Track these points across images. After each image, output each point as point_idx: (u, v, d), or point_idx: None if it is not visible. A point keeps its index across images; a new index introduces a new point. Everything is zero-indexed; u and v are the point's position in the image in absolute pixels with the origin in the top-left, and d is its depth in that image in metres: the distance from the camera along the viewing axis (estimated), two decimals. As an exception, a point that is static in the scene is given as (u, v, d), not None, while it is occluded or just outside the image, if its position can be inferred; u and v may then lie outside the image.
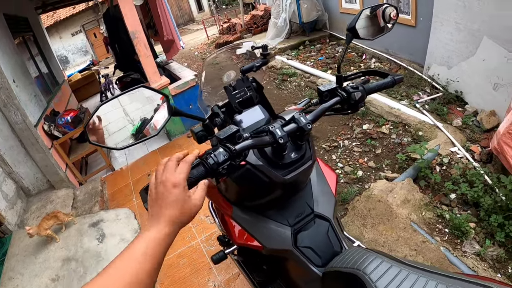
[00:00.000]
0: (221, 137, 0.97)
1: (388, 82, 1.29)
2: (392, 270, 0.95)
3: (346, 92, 1.23)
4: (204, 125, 1.13)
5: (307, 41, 8.81)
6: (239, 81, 1.38)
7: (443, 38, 4.50)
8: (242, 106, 1.35)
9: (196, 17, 28.70)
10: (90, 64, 18.73)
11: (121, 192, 4.81)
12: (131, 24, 4.77)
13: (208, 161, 0.93)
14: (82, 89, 10.69)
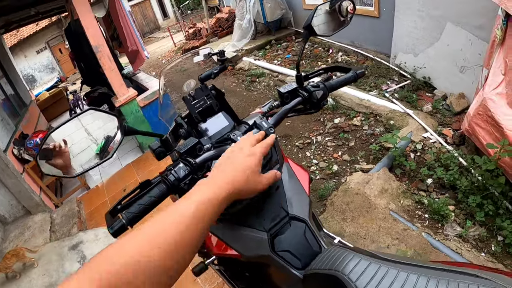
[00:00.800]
0: (181, 151, 0.95)
1: (350, 77, 1.28)
2: (371, 267, 0.92)
3: (307, 92, 1.22)
4: (162, 141, 1.10)
5: (273, 40, 8.83)
6: (198, 90, 1.35)
7: (407, 26, 4.55)
8: (203, 115, 1.32)
9: (161, 25, 28.41)
10: (58, 81, 18.46)
11: (98, 211, 4.72)
12: (93, 38, 4.67)
13: (169, 177, 0.90)
14: (51, 108, 10.47)
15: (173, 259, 0.60)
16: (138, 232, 0.60)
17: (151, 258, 0.57)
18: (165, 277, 0.59)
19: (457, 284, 0.78)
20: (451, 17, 3.77)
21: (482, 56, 3.41)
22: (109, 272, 0.52)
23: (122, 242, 0.58)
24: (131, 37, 6.31)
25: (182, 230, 0.62)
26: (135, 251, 0.56)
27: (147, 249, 0.57)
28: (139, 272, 0.54)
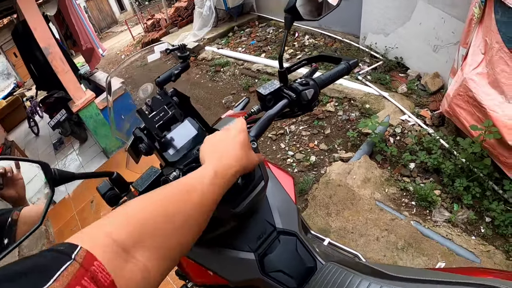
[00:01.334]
0: (139, 189, 0.75)
1: (342, 69, 1.09)
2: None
3: (295, 91, 1.02)
4: (113, 180, 0.87)
5: (235, 27, 8.63)
6: (156, 99, 1.12)
7: (376, 6, 4.46)
8: (165, 128, 1.09)
9: (119, 18, 27.87)
10: (15, 87, 17.75)
11: (67, 226, 4.49)
12: (43, 39, 4.39)
13: None
14: (9, 118, 10.12)
15: (200, 213, 0.65)
16: (164, 189, 0.64)
17: (182, 209, 0.61)
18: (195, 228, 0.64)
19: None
20: (422, -5, 3.69)
21: (455, 34, 3.36)
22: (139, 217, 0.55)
23: (150, 194, 0.62)
24: (84, 34, 6.05)
25: (207, 190, 0.67)
26: (166, 201, 0.60)
27: (176, 201, 0.61)
28: (169, 218, 0.58)
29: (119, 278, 0.46)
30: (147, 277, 0.51)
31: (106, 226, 0.52)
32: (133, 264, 0.50)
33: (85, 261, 0.43)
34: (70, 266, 0.41)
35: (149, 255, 0.53)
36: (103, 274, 0.44)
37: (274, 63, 5.79)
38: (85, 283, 0.41)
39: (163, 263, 0.55)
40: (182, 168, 0.87)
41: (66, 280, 0.40)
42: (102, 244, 0.48)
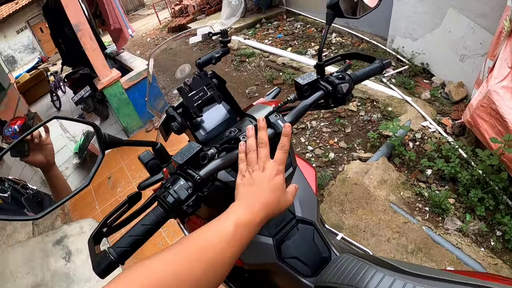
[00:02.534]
0: (179, 161, 0.79)
1: (376, 68, 1.14)
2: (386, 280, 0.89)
3: (331, 84, 1.06)
4: (156, 151, 0.92)
5: (263, 19, 8.60)
6: (196, 78, 1.17)
7: (406, 10, 4.43)
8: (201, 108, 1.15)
9: (146, 1, 27.82)
10: (39, 61, 18.01)
11: (82, 200, 4.58)
12: (74, 16, 4.46)
13: (167, 199, 0.75)
14: (32, 90, 10.29)
15: (214, 273, 0.62)
16: (178, 246, 0.63)
17: (194, 271, 0.59)
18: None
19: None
20: (453, 3, 3.66)
21: (483, 46, 3.34)
22: (151, 279, 0.54)
23: (164, 253, 0.61)
24: (113, 14, 6.09)
25: (224, 248, 0.64)
26: (178, 262, 0.59)
27: (189, 262, 0.60)
28: (180, 282, 0.56)
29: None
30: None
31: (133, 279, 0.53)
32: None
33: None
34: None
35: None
36: None
37: (299, 58, 5.79)
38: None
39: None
40: (218, 147, 0.91)
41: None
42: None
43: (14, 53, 22.66)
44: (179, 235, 3.26)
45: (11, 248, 3.66)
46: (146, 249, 2.98)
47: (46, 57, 21.10)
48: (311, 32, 6.96)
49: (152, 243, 3.31)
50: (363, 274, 0.93)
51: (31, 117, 5.28)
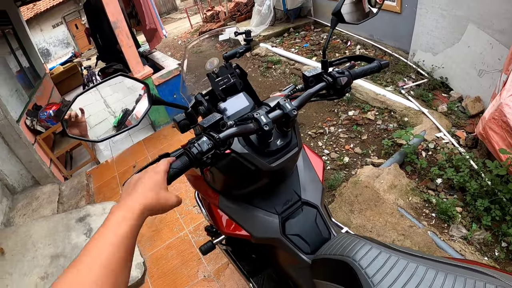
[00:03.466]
0: (204, 125, 0.95)
1: (374, 67, 1.29)
2: (381, 256, 0.95)
3: (332, 77, 1.22)
4: (186, 114, 1.10)
5: (291, 28, 8.72)
6: (222, 68, 1.36)
7: (428, 24, 4.49)
8: (226, 93, 1.32)
9: (179, 6, 28.28)
10: (72, 56, 18.48)
11: (107, 185, 4.77)
12: (113, 14, 4.68)
13: (192, 150, 0.91)
14: (65, 82, 10.53)
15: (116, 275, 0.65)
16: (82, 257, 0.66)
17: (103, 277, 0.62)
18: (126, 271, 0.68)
19: (464, 279, 0.80)
20: (474, 19, 3.71)
21: (501, 61, 3.36)
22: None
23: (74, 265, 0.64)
24: (149, 14, 6.30)
25: (114, 252, 0.67)
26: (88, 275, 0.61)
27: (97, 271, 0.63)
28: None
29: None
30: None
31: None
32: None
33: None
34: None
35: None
36: None
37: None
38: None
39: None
40: (236, 120, 1.06)
41: None
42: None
43: (48, 46, 23.23)
44: (195, 222, 3.43)
45: (35, 221, 3.85)
46: (163, 232, 3.16)
47: (79, 53, 21.65)
48: (336, 43, 7.04)
49: (170, 227, 3.51)
50: (359, 248, 0.99)
51: (65, 104, 5.51)
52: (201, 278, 2.89)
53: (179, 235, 3.39)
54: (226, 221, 1.43)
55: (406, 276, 0.87)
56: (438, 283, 0.82)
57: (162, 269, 3.10)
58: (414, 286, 0.84)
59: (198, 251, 2.93)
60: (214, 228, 1.89)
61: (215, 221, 1.50)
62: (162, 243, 3.36)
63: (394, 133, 3.68)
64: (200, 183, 1.53)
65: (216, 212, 1.47)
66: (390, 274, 0.89)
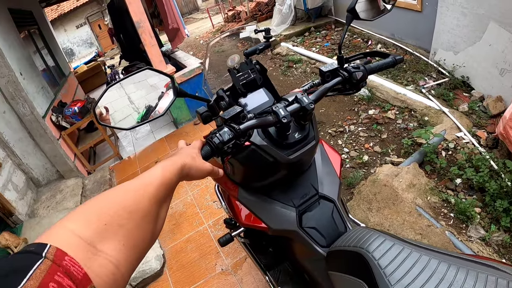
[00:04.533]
0: (225, 117, 0.99)
1: (389, 62, 1.30)
2: (395, 248, 0.96)
3: (348, 72, 1.24)
4: (209, 106, 1.15)
5: (312, 28, 8.70)
6: (243, 64, 1.39)
7: (449, 23, 4.44)
8: (246, 88, 1.36)
9: (200, 6, 28.44)
10: (96, 55, 18.73)
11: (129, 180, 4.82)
12: (136, 14, 4.77)
13: (214, 140, 0.95)
14: (89, 81, 10.74)
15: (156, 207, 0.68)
16: (122, 187, 0.67)
17: (140, 206, 0.63)
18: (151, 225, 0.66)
19: (476, 273, 0.81)
20: (495, 17, 3.66)
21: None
22: (107, 213, 0.57)
23: (113, 191, 0.64)
24: (172, 14, 6.35)
25: (157, 185, 0.71)
26: (129, 199, 0.63)
27: (136, 200, 0.64)
28: (132, 217, 0.60)
29: (91, 271, 0.47)
30: (117, 268, 0.53)
31: (69, 224, 0.52)
32: (102, 257, 0.51)
33: (56, 258, 0.44)
34: (42, 264, 0.42)
35: (117, 248, 0.55)
36: (76, 268, 0.45)
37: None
38: (58, 278, 0.42)
39: (131, 256, 0.58)
40: (255, 114, 1.10)
41: (39, 278, 0.40)
42: (69, 241, 0.49)
43: (72, 46, 23.78)
44: (215, 217, 3.49)
45: (58, 213, 3.97)
46: (183, 226, 3.22)
47: (103, 52, 21.97)
48: (357, 43, 7.03)
49: (189, 221, 3.58)
50: (373, 240, 1.01)
51: (90, 101, 5.62)
52: (219, 271, 2.94)
53: (198, 229, 3.45)
54: (245, 213, 1.46)
55: (418, 268, 0.88)
56: (450, 277, 0.83)
57: (181, 261, 3.17)
58: (426, 279, 0.85)
59: (217, 244, 2.99)
60: (233, 221, 1.94)
61: (234, 213, 1.54)
62: (182, 236, 3.43)
63: (414, 132, 3.68)
64: None
65: (235, 204, 1.51)
66: (403, 266, 0.90)
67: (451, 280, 0.82)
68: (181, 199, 3.97)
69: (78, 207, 0.58)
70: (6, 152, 4.39)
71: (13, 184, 4.29)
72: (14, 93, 4.24)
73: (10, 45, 4.69)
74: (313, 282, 1.45)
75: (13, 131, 4.45)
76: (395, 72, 5.13)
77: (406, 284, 0.87)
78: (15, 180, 4.37)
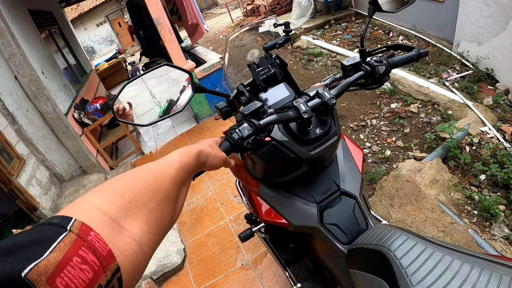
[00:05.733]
0: (245, 112, 0.99)
1: (413, 55, 1.27)
2: (417, 247, 0.95)
3: (370, 66, 1.22)
4: (228, 102, 1.14)
5: (332, 20, 8.59)
6: (263, 58, 1.38)
7: (472, 13, 4.34)
8: (266, 83, 1.35)
9: (219, 1, 28.40)
10: (116, 53, 18.96)
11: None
12: (155, 11, 4.81)
13: (233, 136, 0.95)
14: (110, 78, 10.89)
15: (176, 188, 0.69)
16: (143, 168, 0.66)
17: (162, 186, 0.63)
18: (171, 206, 0.66)
19: (500, 276, 0.80)
20: (519, 6, 3.55)
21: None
22: (131, 191, 0.57)
23: (134, 171, 0.64)
24: (191, 10, 6.39)
25: (176, 168, 0.71)
26: (151, 178, 0.63)
27: (158, 179, 0.64)
28: (154, 195, 0.60)
29: (115, 248, 0.47)
30: (141, 247, 0.53)
31: (93, 199, 0.52)
32: (126, 235, 0.51)
33: (81, 232, 0.43)
34: (66, 237, 0.41)
35: (140, 226, 0.54)
36: (100, 244, 0.45)
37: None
38: (82, 253, 0.41)
39: (153, 235, 0.57)
40: (276, 109, 1.09)
41: (63, 250, 0.39)
42: (94, 216, 0.48)
43: (93, 44, 24.17)
44: (236, 212, 3.51)
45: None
46: (204, 220, 3.24)
47: (123, 49, 22.24)
48: (378, 35, 6.93)
49: (210, 216, 3.61)
50: (395, 238, 1.00)
51: (111, 98, 5.71)
52: (239, 266, 2.95)
53: (219, 223, 3.47)
54: (266, 208, 1.46)
55: (440, 269, 0.87)
56: (473, 278, 0.81)
57: (201, 256, 3.19)
58: (449, 280, 0.84)
59: (237, 239, 3.00)
60: (253, 216, 1.94)
61: (254, 209, 1.53)
62: (203, 231, 3.46)
63: (437, 126, 3.60)
64: (241, 171, 1.57)
65: (256, 200, 1.51)
66: (425, 266, 0.89)
67: (474, 282, 0.81)
68: (203, 193, 4.00)
69: (100, 184, 0.58)
70: (30, 149, 4.50)
71: (37, 179, 4.38)
72: (37, 92, 4.33)
73: (31, 46, 4.77)
74: (333, 279, 1.44)
75: (36, 129, 4.55)
76: (418, 64, 5.03)
77: (428, 285, 0.86)
78: (39, 176, 4.47)
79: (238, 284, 2.83)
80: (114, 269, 0.45)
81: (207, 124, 5.73)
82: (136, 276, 0.52)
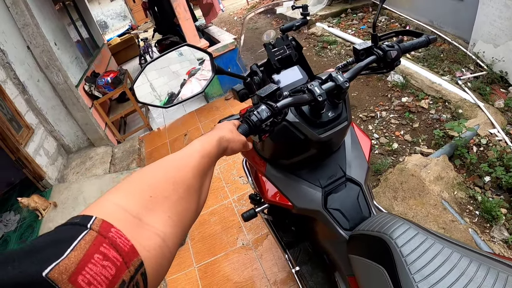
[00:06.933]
0: (262, 95, 0.99)
1: (422, 41, 1.29)
2: (418, 237, 0.97)
3: (382, 51, 1.23)
4: (245, 84, 1.15)
5: (349, 9, 8.48)
6: (279, 39, 1.39)
7: (491, 14, 4.28)
8: (281, 64, 1.36)
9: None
10: (129, 28, 18.89)
11: (158, 151, 4.98)
12: (170, -13, 4.77)
13: (252, 118, 0.95)
14: (122, 52, 10.95)
15: (199, 178, 0.68)
16: (164, 161, 0.67)
17: (183, 178, 0.63)
18: (195, 197, 0.66)
19: (497, 272, 0.82)
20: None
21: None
22: (151, 185, 0.57)
23: (154, 165, 0.64)
24: (206, -12, 6.37)
25: (198, 157, 0.71)
26: (172, 171, 0.63)
27: (179, 172, 0.64)
28: (176, 188, 0.60)
29: (138, 243, 0.47)
30: (164, 241, 0.52)
31: (113, 198, 0.52)
32: (149, 230, 0.51)
33: (102, 229, 0.44)
34: (87, 235, 0.41)
35: (163, 220, 0.54)
36: (122, 240, 0.45)
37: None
38: (104, 249, 0.41)
39: (177, 228, 0.57)
40: (290, 92, 1.11)
41: (84, 249, 0.40)
42: (114, 214, 0.49)
43: (106, 18, 24.07)
44: (240, 192, 3.56)
45: (87, 179, 4.09)
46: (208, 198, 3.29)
47: (136, 25, 22.11)
48: (394, 27, 6.83)
49: (215, 194, 3.67)
50: (397, 227, 1.02)
51: (122, 72, 5.73)
52: (240, 245, 3.00)
53: (223, 202, 3.51)
54: (271, 189, 1.47)
55: (440, 260, 0.89)
56: (471, 272, 0.83)
57: (203, 233, 3.24)
58: (447, 272, 0.86)
59: (240, 219, 3.04)
60: (258, 197, 1.96)
61: (260, 188, 1.55)
62: (206, 209, 3.50)
63: (446, 124, 3.59)
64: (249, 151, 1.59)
65: (261, 180, 1.52)
66: (425, 256, 0.91)
67: (471, 276, 0.82)
68: (208, 172, 4.01)
69: (121, 182, 0.58)
70: (39, 119, 4.54)
71: (45, 149, 4.44)
72: (49, 62, 4.36)
73: (45, 17, 4.79)
74: (332, 264, 1.46)
75: (46, 99, 4.60)
76: (432, 60, 5.00)
77: (426, 274, 0.88)
78: (47, 146, 4.53)
79: (238, 263, 2.87)
80: (137, 264, 0.45)
81: (217, 104, 5.74)
82: (161, 271, 0.51)
